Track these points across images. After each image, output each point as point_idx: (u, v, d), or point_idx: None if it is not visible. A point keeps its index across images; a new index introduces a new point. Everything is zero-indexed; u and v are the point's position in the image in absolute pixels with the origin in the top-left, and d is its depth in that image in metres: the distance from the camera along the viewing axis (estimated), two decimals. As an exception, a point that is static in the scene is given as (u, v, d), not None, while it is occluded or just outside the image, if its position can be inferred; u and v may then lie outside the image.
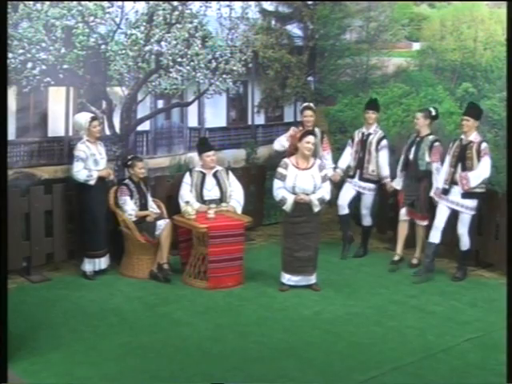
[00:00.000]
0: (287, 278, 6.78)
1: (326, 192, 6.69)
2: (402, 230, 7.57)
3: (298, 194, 6.57)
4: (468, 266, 7.29)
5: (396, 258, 7.56)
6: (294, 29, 9.32)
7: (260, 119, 9.16)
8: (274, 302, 6.50)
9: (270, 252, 8.02)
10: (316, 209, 6.61)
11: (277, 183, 6.67)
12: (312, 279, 6.81)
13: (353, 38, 9.57)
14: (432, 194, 7.19)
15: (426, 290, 6.85)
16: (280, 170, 6.67)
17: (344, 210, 7.92)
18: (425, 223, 7.43)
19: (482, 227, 7.36)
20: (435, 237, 7.07)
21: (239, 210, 7.37)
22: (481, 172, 6.84)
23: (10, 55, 6.73)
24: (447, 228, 7.07)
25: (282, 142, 8.06)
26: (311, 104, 8.17)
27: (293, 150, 6.84)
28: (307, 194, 6.58)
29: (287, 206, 6.60)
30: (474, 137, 6.91)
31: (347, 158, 7.98)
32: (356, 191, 7.88)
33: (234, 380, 4.92)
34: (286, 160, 6.73)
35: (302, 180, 6.59)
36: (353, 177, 7.87)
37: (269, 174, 8.85)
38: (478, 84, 8.21)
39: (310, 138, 6.59)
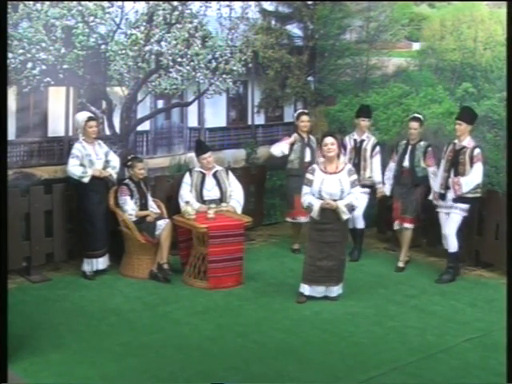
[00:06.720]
0: (307, 289, 6.43)
1: (354, 198, 6.27)
2: (406, 238, 7.47)
3: (325, 200, 6.22)
4: (461, 268, 7.22)
5: (400, 264, 7.45)
6: (294, 29, 9.33)
7: (260, 119, 9.17)
8: (274, 301, 6.49)
9: (270, 252, 8.04)
10: (344, 216, 6.22)
11: (304, 189, 6.34)
12: (334, 291, 6.48)
13: (353, 38, 9.57)
14: (431, 197, 7.19)
15: (426, 290, 6.84)
16: (307, 175, 6.35)
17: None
18: (411, 226, 7.38)
19: (482, 227, 7.35)
20: (453, 245, 7.00)
21: (239, 210, 7.36)
22: (473, 178, 6.82)
23: (10, 55, 6.75)
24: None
25: (282, 148, 7.90)
26: (305, 110, 8.21)
27: (322, 157, 6.50)
28: (335, 200, 6.21)
29: (314, 213, 6.23)
30: (467, 142, 6.87)
31: None
32: None
33: (234, 380, 4.91)
34: (314, 165, 6.45)
35: (329, 184, 6.21)
36: None
37: (269, 173, 8.87)
38: (477, 84, 8.22)
39: (328, 140, 6.26)
